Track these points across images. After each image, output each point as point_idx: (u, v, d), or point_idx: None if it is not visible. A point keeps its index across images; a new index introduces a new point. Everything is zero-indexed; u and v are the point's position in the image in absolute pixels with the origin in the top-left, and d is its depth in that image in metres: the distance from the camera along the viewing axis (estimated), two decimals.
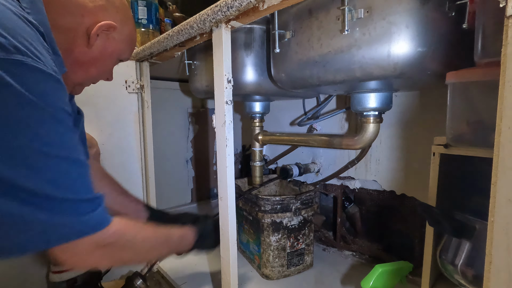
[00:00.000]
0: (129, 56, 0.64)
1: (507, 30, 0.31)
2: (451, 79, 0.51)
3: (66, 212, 0.42)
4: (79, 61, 0.54)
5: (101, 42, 0.54)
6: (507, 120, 0.31)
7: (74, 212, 0.43)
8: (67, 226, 0.42)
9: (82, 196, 0.44)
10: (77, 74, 0.56)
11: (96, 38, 0.53)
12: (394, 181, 0.98)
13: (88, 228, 0.45)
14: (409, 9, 0.51)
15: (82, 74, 0.57)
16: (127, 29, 0.58)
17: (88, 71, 0.57)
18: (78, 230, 0.44)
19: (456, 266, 0.55)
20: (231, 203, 0.68)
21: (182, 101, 1.60)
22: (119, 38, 0.57)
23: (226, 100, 0.64)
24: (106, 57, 0.57)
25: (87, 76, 0.58)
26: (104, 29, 0.53)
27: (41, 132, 0.39)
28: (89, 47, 0.53)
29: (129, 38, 0.60)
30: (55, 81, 0.41)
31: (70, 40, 0.51)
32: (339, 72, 0.61)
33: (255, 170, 1.12)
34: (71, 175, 0.43)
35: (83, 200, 0.44)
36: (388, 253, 1.00)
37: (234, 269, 0.71)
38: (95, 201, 0.46)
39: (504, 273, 0.33)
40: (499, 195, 0.32)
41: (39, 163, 0.39)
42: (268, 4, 0.53)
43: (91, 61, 0.56)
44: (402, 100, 0.93)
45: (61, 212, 0.41)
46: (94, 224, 0.46)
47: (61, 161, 0.41)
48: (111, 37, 0.55)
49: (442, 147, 0.60)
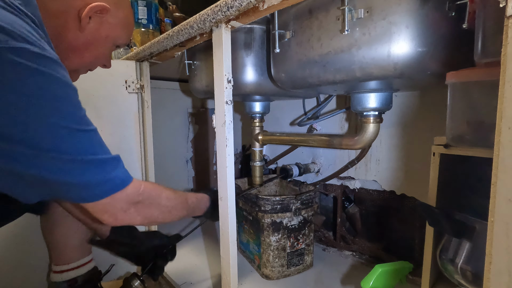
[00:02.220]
0: (126, 42, 0.62)
1: (507, 30, 0.31)
2: (451, 79, 0.51)
3: (95, 172, 0.46)
4: (72, 46, 0.53)
5: (94, 25, 0.53)
6: (507, 120, 0.31)
7: (101, 171, 0.47)
8: (99, 185, 0.47)
9: (104, 156, 0.48)
10: (72, 60, 0.55)
11: (88, 20, 0.52)
12: (394, 181, 0.98)
13: (116, 185, 0.50)
14: (409, 9, 0.51)
15: (76, 59, 0.56)
16: (122, 12, 0.57)
17: (82, 57, 0.56)
18: (109, 188, 0.49)
19: (456, 266, 0.55)
20: (231, 203, 0.68)
21: (182, 101, 1.60)
22: (114, 21, 0.55)
23: (226, 100, 0.64)
24: (101, 41, 0.56)
25: (81, 62, 0.57)
26: (97, 11, 0.52)
27: (63, 108, 0.43)
28: (81, 30, 0.52)
29: (125, 22, 0.58)
30: (61, 65, 0.44)
31: (62, 24, 0.51)
32: (339, 72, 0.61)
33: (255, 170, 1.12)
34: (92, 141, 0.47)
35: (106, 160, 0.48)
36: (388, 253, 1.00)
37: (234, 269, 0.71)
38: (115, 160, 0.50)
39: (504, 273, 0.32)
40: (499, 195, 0.32)
41: (64, 136, 0.43)
42: (268, 4, 0.53)
43: (85, 46, 0.55)
44: (402, 100, 0.93)
45: (90, 173, 0.46)
46: (121, 181, 0.50)
47: (81, 132, 0.45)
48: (104, 20, 0.54)
49: (442, 147, 0.60)
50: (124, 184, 0.51)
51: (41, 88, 0.40)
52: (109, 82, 0.92)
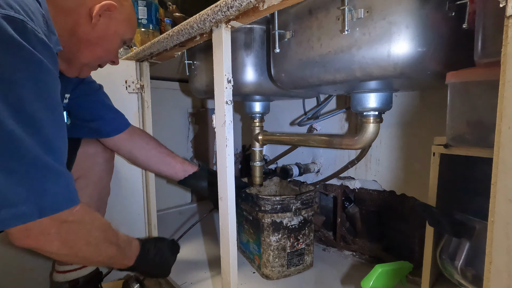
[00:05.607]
0: (132, 36, 0.66)
1: (507, 30, 0.31)
2: (451, 79, 0.51)
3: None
4: (84, 41, 0.57)
5: (104, 22, 0.57)
6: (507, 120, 0.31)
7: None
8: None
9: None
10: (84, 54, 0.59)
11: (98, 18, 0.55)
12: (394, 181, 0.98)
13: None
14: (409, 9, 0.51)
15: (88, 53, 0.59)
16: (126, 8, 0.61)
17: (94, 51, 0.60)
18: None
19: (456, 266, 0.55)
20: (231, 203, 0.68)
21: (182, 101, 1.60)
22: (120, 17, 0.60)
23: (226, 100, 0.64)
24: (110, 36, 0.60)
25: (93, 56, 0.60)
26: (106, 9, 0.55)
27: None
28: (92, 27, 0.56)
29: (129, 18, 0.63)
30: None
31: (73, 20, 0.54)
32: (339, 72, 0.61)
33: (255, 170, 1.12)
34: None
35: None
36: (388, 253, 1.00)
37: (234, 269, 0.71)
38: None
39: (504, 273, 0.32)
40: (499, 195, 0.32)
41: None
42: (268, 4, 0.53)
43: (96, 41, 0.58)
44: (402, 100, 0.93)
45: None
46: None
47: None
48: (113, 17, 0.58)
49: (442, 147, 0.60)
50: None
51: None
52: (109, 82, 0.92)
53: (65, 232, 0.47)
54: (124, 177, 1.02)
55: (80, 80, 0.75)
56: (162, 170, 0.89)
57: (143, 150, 0.86)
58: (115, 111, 0.84)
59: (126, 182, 1.03)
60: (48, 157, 0.42)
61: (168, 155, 0.89)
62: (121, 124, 0.84)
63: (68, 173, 0.46)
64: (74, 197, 0.47)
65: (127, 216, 1.05)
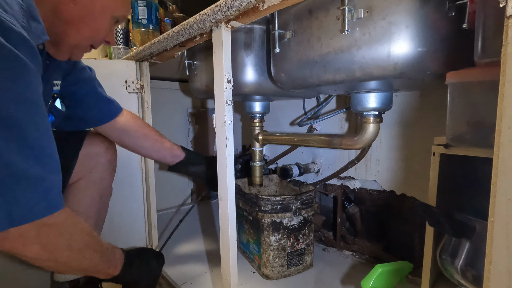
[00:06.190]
0: (125, 13, 0.60)
1: (507, 30, 0.31)
2: (451, 79, 0.51)
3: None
4: (68, 20, 0.52)
5: None
6: (507, 120, 0.31)
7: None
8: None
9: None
10: (71, 35, 0.54)
11: None
12: (394, 181, 0.98)
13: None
14: (409, 9, 0.51)
15: (75, 34, 0.55)
16: None
17: (80, 31, 0.55)
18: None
19: (456, 266, 0.55)
20: (231, 203, 0.68)
21: (182, 101, 1.60)
22: None
23: (226, 100, 0.64)
24: (96, 13, 0.55)
25: (81, 36, 0.56)
26: None
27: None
28: (74, 3, 0.51)
29: None
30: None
31: None
32: (339, 72, 0.61)
33: (255, 170, 1.12)
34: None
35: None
36: (388, 253, 1.00)
37: (234, 269, 0.71)
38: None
39: (504, 273, 0.32)
40: (499, 195, 0.32)
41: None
42: (268, 4, 0.53)
43: (80, 18, 0.53)
44: (402, 100, 0.93)
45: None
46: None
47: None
48: None
49: (442, 147, 0.60)
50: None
51: None
52: (109, 82, 0.92)
53: (45, 235, 0.44)
54: (124, 177, 1.02)
55: (72, 65, 0.72)
56: (151, 156, 0.94)
57: (132, 138, 0.87)
58: (106, 100, 0.82)
59: (126, 182, 1.03)
60: (25, 163, 0.39)
61: (157, 141, 0.89)
62: (112, 112, 0.83)
63: (54, 177, 0.43)
64: (56, 203, 0.44)
65: (127, 216, 1.05)
